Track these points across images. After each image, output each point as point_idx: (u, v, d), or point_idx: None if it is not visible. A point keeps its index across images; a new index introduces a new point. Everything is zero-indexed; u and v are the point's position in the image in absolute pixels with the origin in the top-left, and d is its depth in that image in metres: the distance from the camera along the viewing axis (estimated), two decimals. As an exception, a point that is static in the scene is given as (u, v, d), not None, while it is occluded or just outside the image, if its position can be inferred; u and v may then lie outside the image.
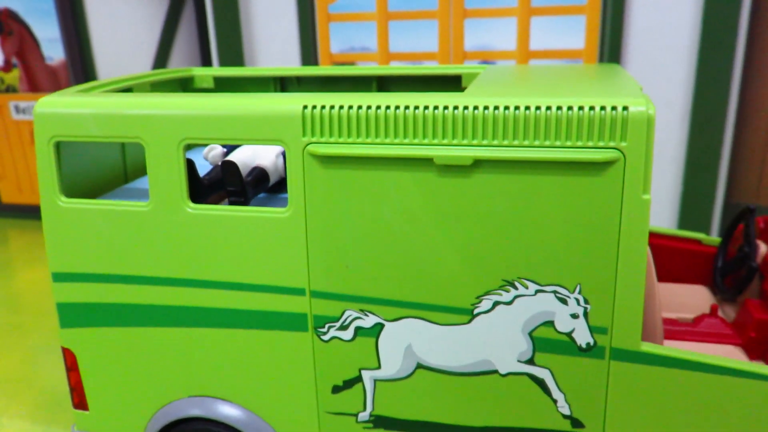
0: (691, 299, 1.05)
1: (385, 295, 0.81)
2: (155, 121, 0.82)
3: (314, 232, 0.81)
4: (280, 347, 0.87)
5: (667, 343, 0.92)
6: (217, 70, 1.18)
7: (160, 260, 0.87)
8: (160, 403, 0.94)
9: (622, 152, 0.70)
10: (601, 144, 0.70)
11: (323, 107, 0.77)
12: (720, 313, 1.01)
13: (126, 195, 0.98)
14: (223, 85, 1.20)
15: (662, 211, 1.91)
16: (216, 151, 0.98)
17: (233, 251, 0.84)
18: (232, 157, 0.93)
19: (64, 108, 0.85)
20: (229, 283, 0.86)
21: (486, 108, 0.73)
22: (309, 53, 1.99)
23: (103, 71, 2.18)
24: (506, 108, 0.72)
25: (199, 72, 1.19)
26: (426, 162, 0.75)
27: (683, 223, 1.90)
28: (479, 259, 0.77)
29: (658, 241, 1.12)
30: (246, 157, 0.94)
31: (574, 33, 1.84)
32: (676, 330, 0.96)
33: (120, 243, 0.88)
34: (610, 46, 1.80)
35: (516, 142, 0.72)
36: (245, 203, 0.87)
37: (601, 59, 1.82)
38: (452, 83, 1.10)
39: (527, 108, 0.72)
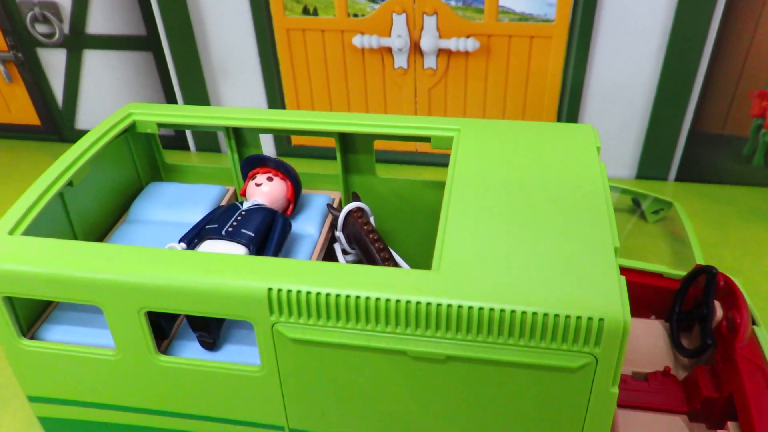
0: (647, 341, 1.11)
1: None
2: (113, 288, 0.77)
3: (289, 388, 0.81)
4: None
5: (619, 411, 1.00)
6: (159, 113, 1.06)
7: (135, 395, 0.87)
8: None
9: (595, 357, 0.70)
10: (575, 348, 0.70)
11: (289, 291, 0.73)
12: (672, 368, 1.07)
13: None
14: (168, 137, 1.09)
15: (628, 137, 1.89)
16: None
17: (208, 394, 0.85)
18: None
19: (11, 263, 0.78)
20: (208, 417, 0.88)
21: (460, 307, 0.70)
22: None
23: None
24: (480, 309, 0.70)
25: (140, 116, 1.07)
26: (399, 351, 0.74)
27: (647, 149, 1.90)
28: (452, 422, 0.79)
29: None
30: None
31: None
32: (629, 391, 1.03)
33: (90, 380, 0.87)
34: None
35: (490, 339, 0.71)
36: (214, 343, 0.86)
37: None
38: (421, 139, 1.02)
39: (502, 311, 0.69)
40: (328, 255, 1.07)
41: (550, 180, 0.87)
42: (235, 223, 0.94)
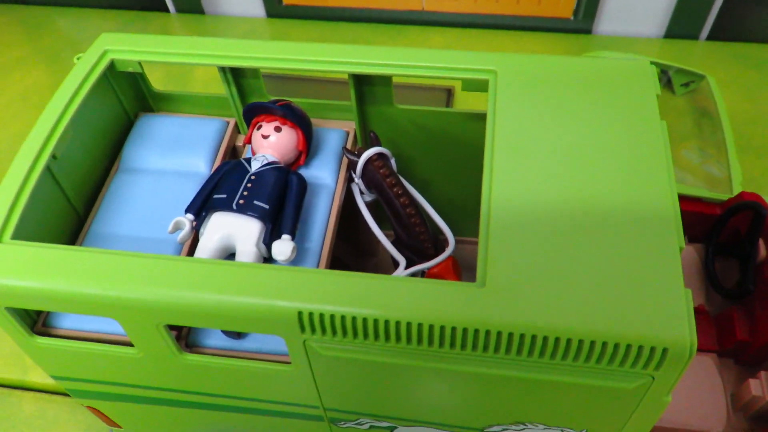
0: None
1: (397, 414, 0.83)
2: (129, 306, 0.70)
3: (322, 380, 0.78)
4: (300, 428, 0.92)
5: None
6: (140, 50, 0.90)
7: (162, 381, 0.85)
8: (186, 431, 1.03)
9: (653, 377, 0.66)
10: (632, 371, 0.65)
11: (321, 314, 0.67)
12: (704, 301, 1.04)
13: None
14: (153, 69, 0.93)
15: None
16: (185, 231, 0.84)
17: (238, 383, 0.82)
18: (199, 253, 0.82)
19: (10, 278, 0.70)
20: (239, 396, 0.86)
21: (510, 334, 0.64)
22: None
23: None
24: (533, 336, 0.64)
25: (119, 54, 0.91)
26: (442, 369, 0.69)
27: (681, 3, 1.71)
28: (495, 409, 0.78)
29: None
30: (215, 249, 0.82)
31: None
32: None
33: (111, 369, 0.84)
34: None
35: (542, 361, 0.66)
36: (239, 334, 0.81)
37: None
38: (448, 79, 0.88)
39: (557, 339, 0.64)
40: (347, 197, 0.99)
41: (605, 151, 0.76)
42: (245, 193, 0.84)
